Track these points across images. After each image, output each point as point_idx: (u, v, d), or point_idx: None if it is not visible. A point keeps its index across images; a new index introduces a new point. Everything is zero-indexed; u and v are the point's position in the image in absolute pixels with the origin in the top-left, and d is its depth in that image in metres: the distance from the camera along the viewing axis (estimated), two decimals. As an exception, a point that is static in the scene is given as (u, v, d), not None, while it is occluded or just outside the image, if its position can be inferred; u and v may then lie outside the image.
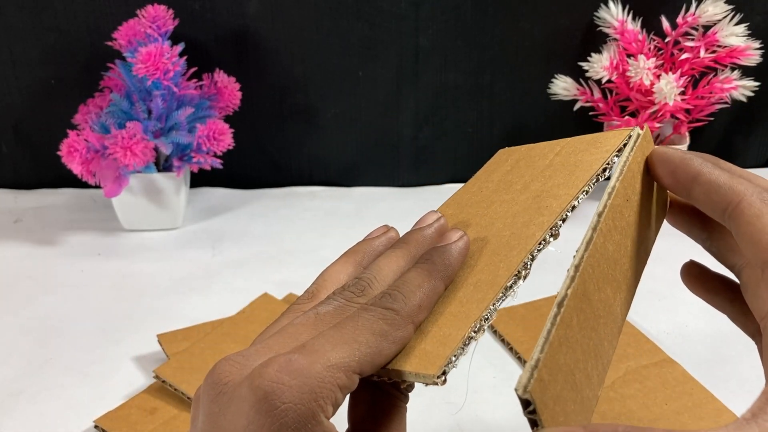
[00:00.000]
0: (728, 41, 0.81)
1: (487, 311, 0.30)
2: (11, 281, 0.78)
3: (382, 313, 0.28)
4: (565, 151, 0.39)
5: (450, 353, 0.28)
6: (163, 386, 0.61)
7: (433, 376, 0.27)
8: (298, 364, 0.26)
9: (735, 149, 0.98)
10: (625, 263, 0.32)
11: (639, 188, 0.35)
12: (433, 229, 0.34)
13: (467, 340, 0.29)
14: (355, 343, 0.27)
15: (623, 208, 0.33)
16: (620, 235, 0.32)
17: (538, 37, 0.91)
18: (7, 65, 0.92)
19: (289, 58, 0.92)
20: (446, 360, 0.28)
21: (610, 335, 0.31)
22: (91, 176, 0.81)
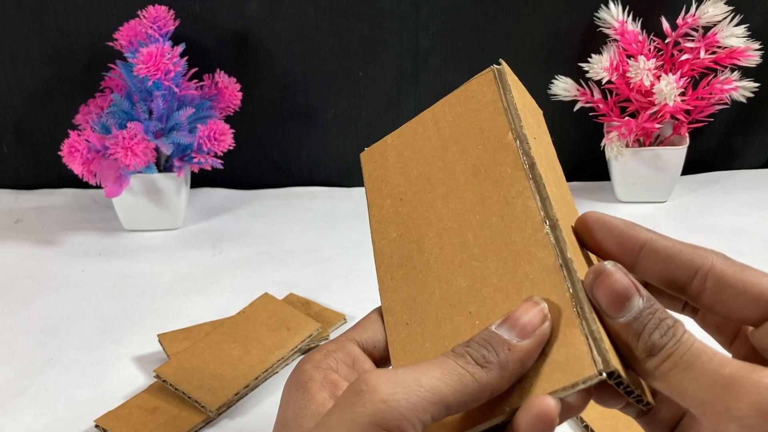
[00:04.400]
0: (728, 42, 0.81)
1: (570, 295, 0.30)
2: (11, 281, 0.78)
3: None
4: (448, 123, 0.39)
5: (585, 347, 0.28)
6: (164, 386, 0.61)
7: (594, 374, 0.27)
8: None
9: (735, 150, 0.98)
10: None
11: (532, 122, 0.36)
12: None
13: (584, 325, 0.29)
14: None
15: (537, 145, 0.35)
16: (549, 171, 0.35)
17: (538, 37, 0.91)
18: (7, 65, 0.92)
19: (289, 58, 0.92)
20: (590, 352, 0.28)
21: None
22: (92, 176, 0.81)
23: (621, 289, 0.29)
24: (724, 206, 0.89)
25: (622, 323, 0.29)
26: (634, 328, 0.28)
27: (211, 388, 0.59)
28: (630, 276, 0.29)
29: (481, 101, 0.36)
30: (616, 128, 0.85)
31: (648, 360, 0.28)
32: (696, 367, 0.27)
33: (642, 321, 0.28)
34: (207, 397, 0.58)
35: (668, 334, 0.28)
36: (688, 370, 0.27)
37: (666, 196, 0.90)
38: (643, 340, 0.28)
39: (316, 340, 0.66)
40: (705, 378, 0.27)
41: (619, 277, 0.29)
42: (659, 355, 0.28)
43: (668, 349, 0.28)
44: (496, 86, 0.37)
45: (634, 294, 0.29)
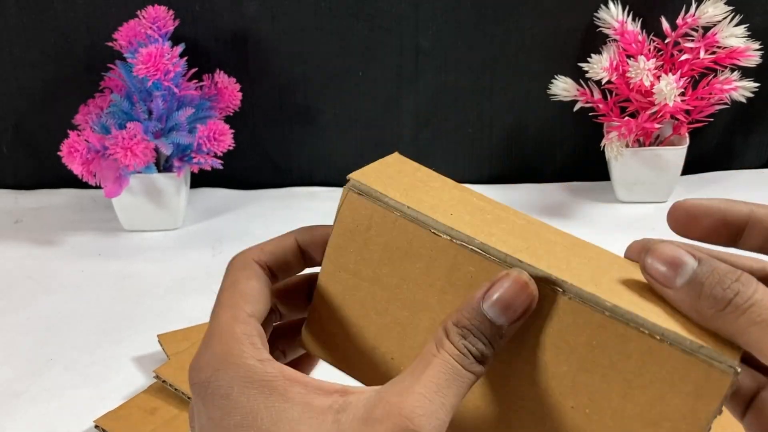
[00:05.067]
0: (728, 42, 0.81)
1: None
2: (11, 281, 0.78)
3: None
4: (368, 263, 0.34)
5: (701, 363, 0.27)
6: (164, 386, 0.61)
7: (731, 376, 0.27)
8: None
9: (735, 150, 0.98)
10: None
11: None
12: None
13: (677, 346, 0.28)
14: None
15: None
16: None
17: (538, 37, 0.91)
18: (7, 65, 0.92)
19: (289, 58, 0.92)
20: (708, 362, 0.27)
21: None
22: (92, 177, 0.81)
23: (670, 255, 0.28)
24: (724, 206, 0.89)
25: (681, 288, 0.28)
26: (695, 289, 0.28)
27: (210, 389, 0.59)
28: (682, 245, 0.29)
29: (373, 223, 0.33)
30: (616, 128, 0.85)
31: (719, 317, 0.27)
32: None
33: (700, 278, 0.28)
34: (207, 397, 0.58)
35: (732, 288, 0.27)
36: (766, 328, 0.26)
37: (666, 196, 0.90)
38: (705, 297, 0.27)
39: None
40: None
41: (667, 247, 0.29)
42: (729, 309, 0.27)
43: (738, 304, 0.27)
44: (370, 201, 0.33)
45: (685, 257, 0.28)
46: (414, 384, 0.28)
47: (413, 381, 0.28)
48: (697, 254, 0.28)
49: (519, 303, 0.29)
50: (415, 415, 0.27)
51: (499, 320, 0.29)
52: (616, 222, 0.87)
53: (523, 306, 0.29)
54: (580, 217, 0.89)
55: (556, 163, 0.97)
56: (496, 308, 0.29)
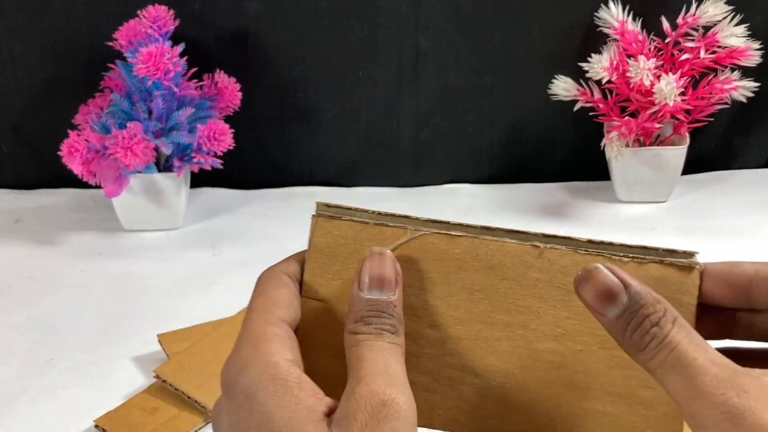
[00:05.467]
0: (728, 42, 0.81)
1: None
2: (11, 281, 0.78)
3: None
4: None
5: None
6: (164, 386, 0.61)
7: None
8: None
9: (735, 149, 0.98)
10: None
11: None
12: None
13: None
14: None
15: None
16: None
17: (538, 37, 0.91)
18: (7, 65, 0.92)
19: (289, 58, 0.92)
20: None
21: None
22: (92, 176, 0.81)
23: (604, 286, 0.29)
24: (724, 206, 0.89)
25: (610, 320, 0.29)
26: (619, 326, 0.29)
27: (211, 389, 0.59)
28: (621, 273, 0.30)
29: (349, 240, 0.34)
30: (616, 128, 0.85)
31: (637, 354, 0.29)
32: (676, 371, 0.28)
33: (625, 319, 0.29)
34: (207, 397, 0.58)
35: (650, 333, 0.28)
36: (671, 371, 0.28)
37: (666, 196, 0.90)
38: (627, 337, 0.29)
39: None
40: (682, 383, 0.27)
41: (604, 275, 0.30)
42: (645, 351, 0.29)
43: (651, 348, 0.28)
44: (343, 221, 0.34)
45: (619, 291, 0.29)
46: (359, 372, 0.29)
47: (358, 371, 0.29)
48: (631, 287, 0.29)
49: (389, 272, 0.32)
50: (382, 388, 0.28)
51: (383, 295, 0.31)
52: (616, 222, 0.87)
53: (393, 273, 0.32)
54: (580, 217, 0.89)
55: (556, 163, 0.97)
56: (372, 288, 0.31)
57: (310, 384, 0.29)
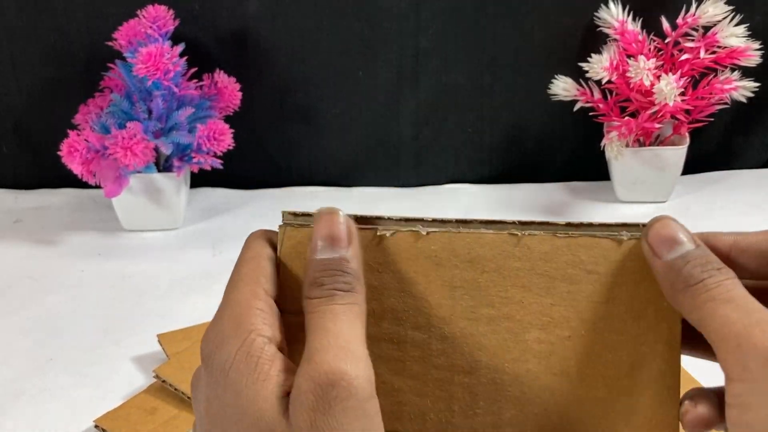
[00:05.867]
0: (728, 42, 0.81)
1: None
2: (11, 281, 0.78)
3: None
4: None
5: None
6: (163, 386, 0.61)
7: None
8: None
9: (735, 150, 0.98)
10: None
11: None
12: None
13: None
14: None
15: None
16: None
17: (538, 37, 0.91)
18: (7, 65, 0.92)
19: (289, 58, 0.92)
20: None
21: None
22: (92, 176, 0.81)
23: (672, 232, 0.31)
24: (725, 206, 0.89)
25: (668, 261, 0.30)
26: (678, 264, 0.30)
27: (210, 388, 0.59)
28: (686, 228, 0.31)
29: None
30: (616, 128, 0.85)
31: (686, 291, 0.29)
32: (732, 305, 0.28)
33: (687, 258, 0.30)
34: (207, 397, 0.58)
35: (710, 272, 0.29)
36: (724, 304, 0.28)
37: (666, 196, 0.90)
38: (686, 271, 0.30)
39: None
40: (734, 315, 0.28)
41: (674, 226, 0.31)
42: (699, 285, 0.29)
43: (707, 283, 0.29)
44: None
45: (685, 239, 0.31)
46: (311, 345, 0.28)
47: (310, 343, 0.28)
48: (697, 241, 0.31)
49: (338, 228, 0.31)
50: (331, 364, 0.27)
51: (335, 253, 0.30)
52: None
53: (343, 230, 0.31)
54: (580, 217, 0.89)
55: (556, 163, 0.97)
56: (325, 247, 0.30)
57: (283, 363, 0.29)
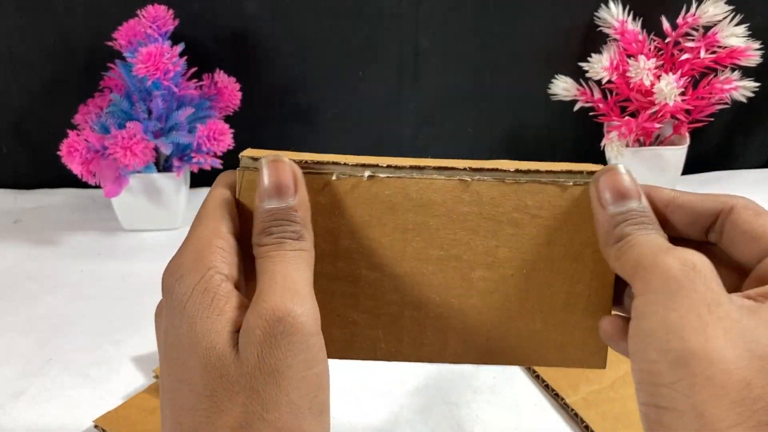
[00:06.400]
0: (728, 42, 0.81)
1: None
2: (11, 281, 0.78)
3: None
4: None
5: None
6: (163, 386, 0.61)
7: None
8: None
9: (735, 149, 0.98)
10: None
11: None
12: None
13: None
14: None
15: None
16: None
17: (538, 37, 0.91)
18: (7, 65, 0.92)
19: (289, 58, 0.92)
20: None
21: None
22: (91, 176, 0.81)
23: (620, 186, 0.33)
24: (725, 206, 0.89)
25: (610, 213, 0.32)
26: (617, 220, 0.32)
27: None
28: (636, 182, 0.33)
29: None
30: (616, 128, 0.85)
31: (615, 245, 0.31)
32: (650, 239, 0.31)
33: (627, 216, 0.32)
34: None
35: (641, 228, 0.31)
36: (644, 242, 0.31)
37: (666, 196, 0.90)
38: (619, 228, 0.32)
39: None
40: (652, 245, 0.30)
41: (624, 177, 0.33)
42: (625, 240, 0.31)
43: (634, 236, 0.31)
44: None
45: (632, 195, 0.32)
46: (261, 286, 0.30)
47: (261, 284, 0.30)
48: (642, 197, 0.33)
49: (285, 178, 0.32)
50: (278, 303, 0.29)
51: (283, 202, 0.31)
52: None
53: (288, 177, 0.32)
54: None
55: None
56: (272, 196, 0.31)
57: (237, 300, 0.30)
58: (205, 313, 0.29)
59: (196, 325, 0.29)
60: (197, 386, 0.29)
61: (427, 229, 0.34)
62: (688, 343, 0.27)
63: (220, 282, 0.30)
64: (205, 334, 0.29)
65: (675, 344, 0.27)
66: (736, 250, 0.32)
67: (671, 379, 0.27)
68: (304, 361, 0.28)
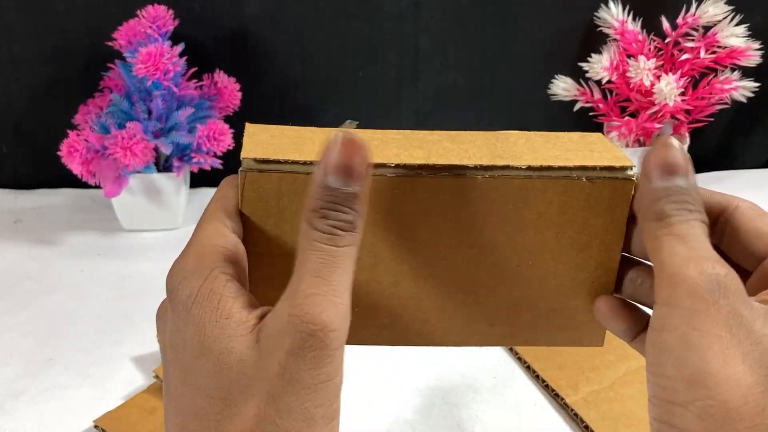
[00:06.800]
0: (728, 42, 0.81)
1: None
2: (11, 281, 0.78)
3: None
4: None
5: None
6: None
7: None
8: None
9: (735, 149, 0.98)
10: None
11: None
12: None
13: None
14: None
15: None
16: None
17: (538, 37, 0.91)
18: (7, 65, 0.92)
19: (289, 58, 0.92)
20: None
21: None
22: (91, 176, 0.81)
23: (671, 160, 0.31)
24: (724, 206, 0.89)
25: (654, 187, 0.31)
26: (658, 194, 0.30)
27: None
28: (687, 158, 0.31)
29: (284, 192, 0.33)
30: (616, 128, 0.85)
31: (653, 221, 0.30)
32: (684, 242, 0.29)
33: (669, 192, 0.30)
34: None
35: (681, 212, 0.30)
36: (677, 241, 0.29)
37: (666, 196, 0.90)
38: (660, 205, 0.30)
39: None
40: (681, 250, 0.29)
41: (675, 151, 0.31)
42: (663, 221, 0.30)
43: (672, 220, 0.30)
44: (273, 173, 0.33)
45: (680, 171, 0.31)
46: (300, 285, 0.28)
47: (299, 282, 0.28)
48: (690, 175, 0.31)
49: (357, 161, 0.29)
50: (315, 315, 0.27)
51: (348, 185, 0.29)
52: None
53: (361, 162, 0.29)
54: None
55: (556, 163, 0.97)
56: (338, 175, 0.29)
57: (245, 298, 0.29)
58: (214, 317, 0.28)
59: (205, 329, 0.28)
60: (207, 389, 0.28)
61: (436, 225, 0.34)
62: (707, 365, 0.27)
63: (226, 282, 0.29)
64: (217, 338, 0.28)
65: (693, 364, 0.27)
66: (738, 250, 0.32)
67: (687, 398, 0.27)
68: (326, 373, 0.28)
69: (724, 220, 0.33)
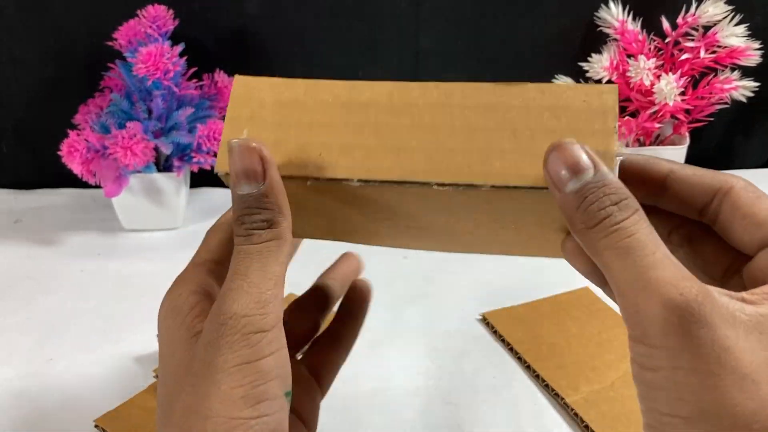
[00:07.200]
0: (728, 42, 0.81)
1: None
2: (11, 281, 0.78)
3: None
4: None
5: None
6: (164, 386, 0.61)
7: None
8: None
9: (735, 149, 0.98)
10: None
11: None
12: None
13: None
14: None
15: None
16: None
17: (538, 37, 0.91)
18: (7, 65, 0.92)
19: (289, 58, 0.92)
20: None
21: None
22: (92, 176, 0.81)
23: (573, 158, 0.28)
24: (725, 206, 0.89)
25: (568, 193, 0.28)
26: (575, 199, 0.28)
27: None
28: (593, 154, 0.28)
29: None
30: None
31: (585, 233, 0.28)
32: (630, 258, 0.27)
33: (584, 192, 0.27)
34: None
35: (607, 211, 0.27)
36: (622, 257, 0.27)
37: (666, 195, 0.90)
38: (580, 210, 0.28)
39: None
40: (631, 271, 0.26)
41: (577, 149, 0.28)
42: (596, 229, 0.27)
43: (605, 226, 0.27)
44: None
45: (587, 167, 0.28)
46: (231, 285, 0.30)
47: (230, 282, 0.31)
48: (598, 164, 0.28)
49: (255, 163, 0.30)
50: (227, 307, 0.30)
51: (254, 188, 0.30)
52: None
53: (257, 163, 0.30)
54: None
55: (556, 162, 0.97)
56: (243, 182, 0.30)
57: (200, 308, 0.32)
58: (171, 326, 0.32)
59: (164, 339, 0.33)
60: (160, 397, 0.32)
61: (408, 210, 0.34)
62: (702, 404, 0.25)
63: (187, 297, 0.33)
64: (169, 344, 0.32)
65: (687, 402, 0.26)
66: (733, 234, 0.31)
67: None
68: (242, 356, 0.29)
69: (718, 202, 0.31)
